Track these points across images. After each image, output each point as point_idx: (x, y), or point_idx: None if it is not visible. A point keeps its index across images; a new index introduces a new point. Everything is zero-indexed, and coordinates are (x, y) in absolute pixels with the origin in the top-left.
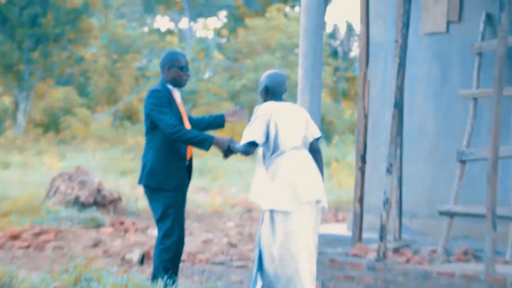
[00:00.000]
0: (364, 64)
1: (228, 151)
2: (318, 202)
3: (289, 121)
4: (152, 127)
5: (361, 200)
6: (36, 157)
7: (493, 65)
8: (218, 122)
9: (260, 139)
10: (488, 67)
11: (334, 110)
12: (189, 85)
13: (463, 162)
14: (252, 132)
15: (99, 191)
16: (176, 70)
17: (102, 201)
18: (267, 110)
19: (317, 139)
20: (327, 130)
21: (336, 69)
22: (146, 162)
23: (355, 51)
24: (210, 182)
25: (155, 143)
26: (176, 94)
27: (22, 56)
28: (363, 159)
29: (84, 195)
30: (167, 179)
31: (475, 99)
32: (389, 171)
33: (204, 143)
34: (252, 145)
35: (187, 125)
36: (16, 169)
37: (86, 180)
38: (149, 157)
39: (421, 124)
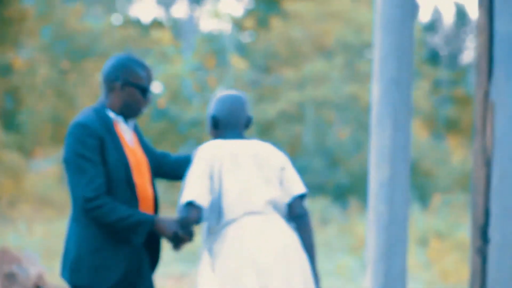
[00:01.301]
0: (485, 76)
1: (177, 240)
2: None
3: (244, 171)
4: None
5: None
6: None
7: None
8: None
9: (202, 199)
10: None
11: (433, 152)
12: (192, 112)
13: None
14: (189, 189)
15: None
16: (134, 91)
17: None
18: (208, 155)
19: (301, 198)
20: (421, 186)
21: (437, 84)
22: (68, 246)
23: (470, 54)
24: None
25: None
26: (123, 127)
27: None
28: (483, 234)
29: None
30: (98, 274)
31: None
32: None
33: (138, 229)
34: (192, 208)
35: (142, 177)
36: None
37: (16, 272)
38: (72, 237)
39: None
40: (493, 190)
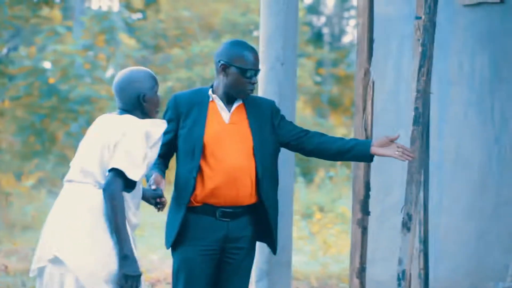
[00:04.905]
0: (365, 56)
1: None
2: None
3: (84, 142)
4: None
5: (361, 273)
6: None
7: None
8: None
9: None
10: None
11: (317, 129)
12: (82, 89)
13: None
14: None
15: None
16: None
17: None
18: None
19: (117, 173)
20: (305, 161)
21: (320, 64)
22: None
23: (352, 34)
24: None
25: None
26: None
27: None
28: (364, 207)
29: None
30: (166, 232)
31: None
32: (407, 227)
33: None
34: None
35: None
36: None
37: None
38: None
39: (458, 151)
40: (373, 165)
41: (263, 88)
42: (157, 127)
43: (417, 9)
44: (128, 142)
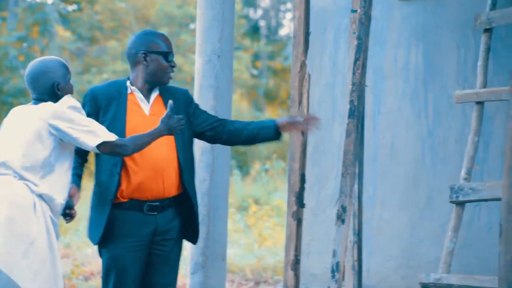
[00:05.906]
0: (302, 49)
1: None
2: None
3: (5, 131)
4: None
5: (295, 265)
6: None
7: (510, 48)
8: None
9: None
10: (502, 52)
11: None
12: (16, 81)
13: (460, 204)
14: None
15: None
16: (156, 58)
17: None
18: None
19: (105, 146)
20: (241, 154)
21: (256, 57)
22: None
23: (288, 27)
24: None
25: None
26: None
27: None
28: (299, 200)
29: None
30: (91, 230)
31: (480, 104)
32: (341, 219)
33: None
34: None
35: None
36: None
37: None
38: None
39: (392, 144)
40: (308, 157)
41: (199, 80)
42: (70, 98)
43: (353, 2)
44: (75, 124)
